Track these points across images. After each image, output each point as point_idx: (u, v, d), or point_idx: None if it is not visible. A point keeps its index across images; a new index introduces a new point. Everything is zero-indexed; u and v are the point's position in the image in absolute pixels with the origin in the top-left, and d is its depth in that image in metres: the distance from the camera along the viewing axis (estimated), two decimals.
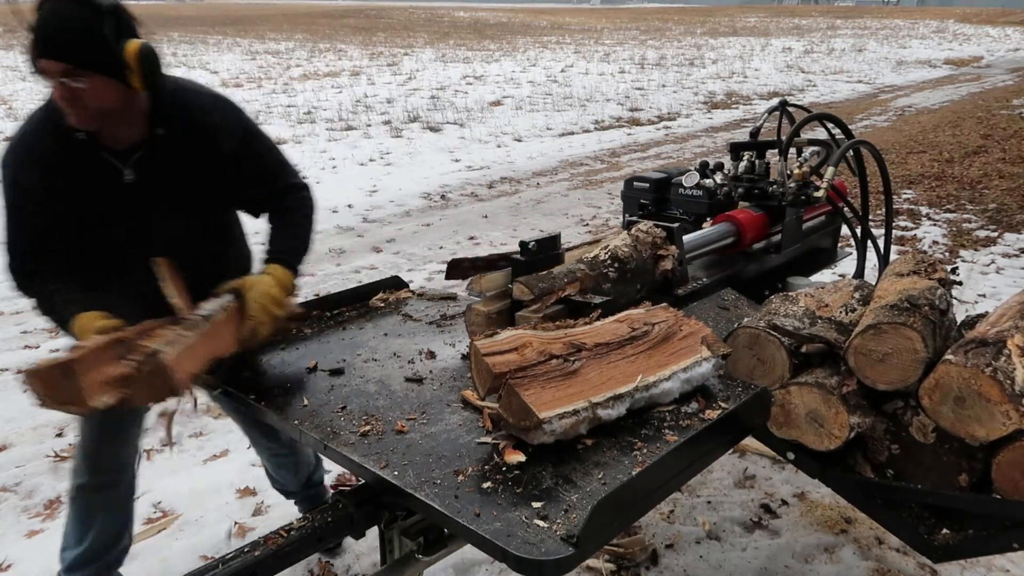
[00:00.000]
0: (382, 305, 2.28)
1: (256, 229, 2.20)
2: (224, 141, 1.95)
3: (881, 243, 2.90)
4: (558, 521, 1.26)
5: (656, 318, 1.75)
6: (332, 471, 3.02)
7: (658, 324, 1.72)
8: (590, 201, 7.45)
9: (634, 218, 2.58)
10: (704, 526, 2.72)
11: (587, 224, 6.66)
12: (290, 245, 2.01)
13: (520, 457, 1.41)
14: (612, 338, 1.64)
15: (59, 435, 3.33)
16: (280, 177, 2.08)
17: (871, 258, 2.93)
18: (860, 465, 1.85)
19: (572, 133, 11.19)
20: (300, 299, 2.07)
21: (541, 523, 1.26)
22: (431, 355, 1.93)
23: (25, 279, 1.87)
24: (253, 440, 2.53)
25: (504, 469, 1.41)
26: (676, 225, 2.26)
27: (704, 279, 2.43)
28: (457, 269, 2.04)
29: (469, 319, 1.92)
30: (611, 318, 1.76)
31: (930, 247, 5.94)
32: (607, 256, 2.06)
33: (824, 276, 3.01)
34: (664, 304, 1.85)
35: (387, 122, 11.35)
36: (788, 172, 2.67)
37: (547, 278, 1.91)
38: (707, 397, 1.70)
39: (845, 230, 3.11)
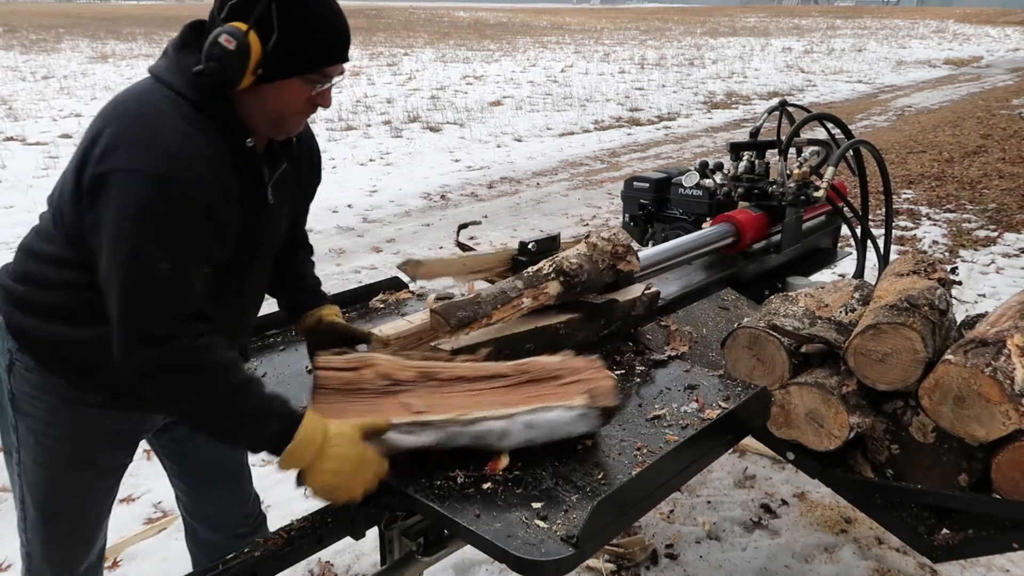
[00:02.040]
0: (382, 306, 2.28)
1: None
2: (317, 155, 1.69)
3: (881, 243, 2.91)
4: (558, 521, 1.27)
5: (550, 365, 1.53)
6: None
7: (542, 369, 1.52)
8: (590, 201, 7.45)
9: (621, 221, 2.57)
10: (704, 526, 2.72)
11: (587, 224, 6.66)
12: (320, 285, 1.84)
13: (505, 462, 1.40)
14: (473, 374, 1.50)
15: None
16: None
17: (871, 258, 2.93)
18: (860, 465, 1.85)
19: (572, 133, 11.19)
20: None
21: (541, 523, 1.26)
22: None
23: (191, 357, 1.30)
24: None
25: (504, 470, 1.41)
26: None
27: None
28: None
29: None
30: (507, 363, 1.55)
31: (930, 247, 5.94)
32: (551, 269, 1.80)
33: (824, 276, 3.01)
34: (593, 357, 1.57)
35: (387, 122, 11.35)
36: (788, 172, 2.67)
37: (471, 304, 1.63)
38: (707, 397, 1.70)
39: (845, 230, 3.11)
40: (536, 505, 1.31)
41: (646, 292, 1.96)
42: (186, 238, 1.29)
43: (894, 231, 4.76)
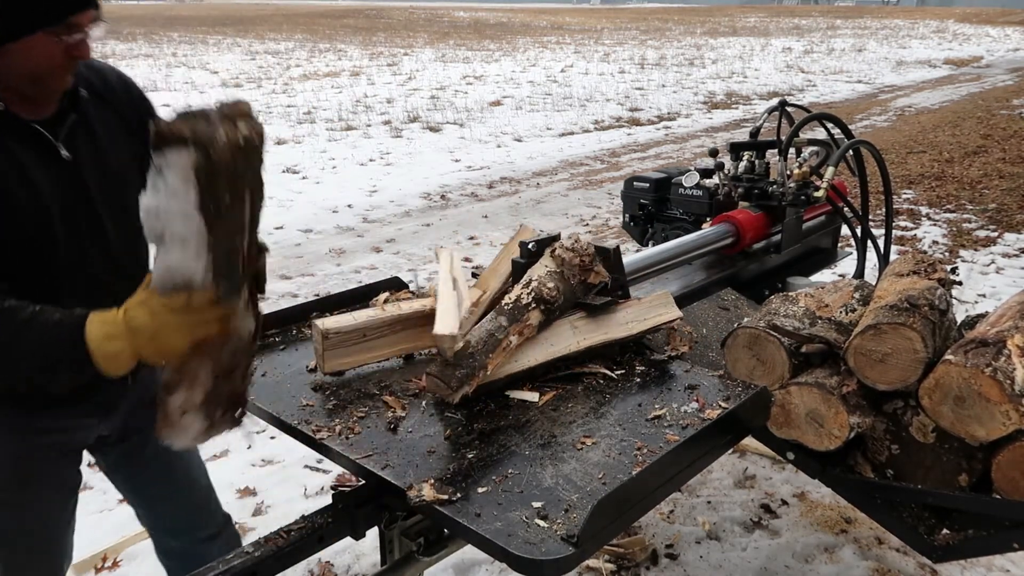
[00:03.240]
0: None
1: None
2: (131, 108, 1.60)
3: (881, 243, 2.91)
4: (558, 521, 1.27)
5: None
6: (332, 471, 3.03)
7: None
8: (590, 201, 7.45)
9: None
10: (704, 526, 2.72)
11: (587, 224, 6.66)
12: None
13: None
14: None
15: None
16: None
17: (871, 258, 2.93)
18: (860, 465, 1.85)
19: (572, 133, 11.19)
20: (300, 300, 2.07)
21: (541, 523, 1.26)
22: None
23: None
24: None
25: (505, 471, 1.41)
26: (613, 247, 1.97)
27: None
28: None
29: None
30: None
31: (930, 247, 5.94)
32: (530, 299, 1.75)
33: (824, 276, 3.01)
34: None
35: (387, 122, 11.35)
36: (788, 172, 2.67)
37: (465, 360, 1.59)
38: (707, 397, 1.70)
39: (845, 230, 3.11)
40: (536, 504, 1.31)
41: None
42: None
43: (894, 231, 4.77)
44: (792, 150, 2.76)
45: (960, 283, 5.09)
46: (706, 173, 2.82)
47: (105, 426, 1.69)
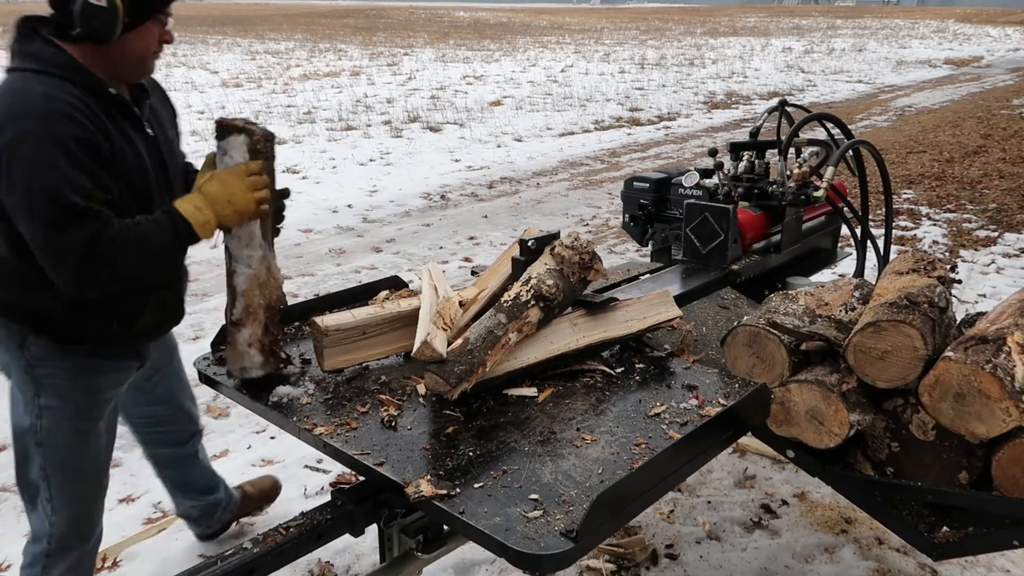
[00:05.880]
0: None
1: None
2: (167, 102, 2.00)
3: (881, 243, 2.90)
4: (558, 516, 1.27)
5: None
6: (332, 470, 3.02)
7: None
8: (590, 201, 7.45)
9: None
10: (704, 526, 2.72)
11: (587, 224, 6.66)
12: None
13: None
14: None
15: None
16: None
17: (871, 258, 2.93)
18: (860, 463, 1.85)
19: (572, 133, 11.19)
20: (300, 300, 2.08)
21: (541, 518, 1.26)
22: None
23: (78, 219, 1.54)
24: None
25: (504, 467, 1.41)
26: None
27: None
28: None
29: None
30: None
31: (930, 247, 5.94)
32: (530, 295, 1.76)
33: (824, 276, 3.01)
34: None
35: (387, 122, 11.35)
36: (788, 172, 2.67)
37: (464, 356, 1.62)
38: (707, 394, 1.70)
39: (845, 230, 3.11)
40: (535, 499, 1.31)
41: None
42: (72, 155, 1.54)
43: (894, 231, 4.77)
44: (792, 150, 2.76)
45: (959, 281, 5.09)
46: (706, 173, 2.82)
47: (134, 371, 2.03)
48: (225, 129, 1.72)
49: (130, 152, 1.71)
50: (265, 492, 2.73)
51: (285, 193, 1.86)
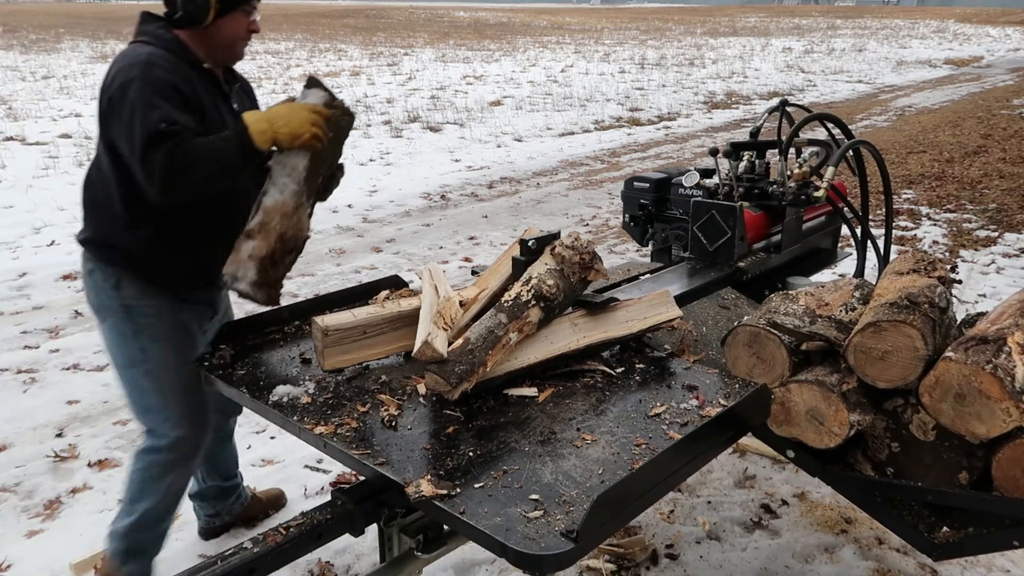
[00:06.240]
0: None
1: None
2: (248, 89, 2.32)
3: (881, 243, 2.90)
4: (558, 516, 1.26)
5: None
6: (332, 470, 3.02)
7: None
8: (590, 201, 7.45)
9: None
10: (704, 526, 2.72)
11: (587, 224, 6.66)
12: None
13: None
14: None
15: (59, 435, 3.33)
16: None
17: (871, 258, 2.93)
18: (860, 463, 1.85)
19: (572, 133, 11.19)
20: (300, 300, 2.08)
21: (541, 518, 1.26)
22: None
23: (163, 138, 1.82)
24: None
25: (504, 467, 1.41)
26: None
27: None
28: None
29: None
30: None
31: (930, 247, 5.94)
32: (530, 295, 1.76)
33: (824, 276, 3.01)
34: None
35: (387, 122, 11.35)
36: (788, 172, 2.67)
37: (464, 356, 1.62)
38: (707, 395, 1.70)
39: (845, 230, 3.11)
40: (536, 500, 1.31)
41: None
42: (164, 95, 1.87)
43: (894, 231, 4.77)
44: (792, 150, 2.76)
45: (960, 281, 5.09)
46: (706, 173, 2.82)
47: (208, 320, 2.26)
48: (314, 82, 2.01)
49: (217, 118, 2.01)
50: (272, 501, 2.81)
51: (342, 168, 2.17)
